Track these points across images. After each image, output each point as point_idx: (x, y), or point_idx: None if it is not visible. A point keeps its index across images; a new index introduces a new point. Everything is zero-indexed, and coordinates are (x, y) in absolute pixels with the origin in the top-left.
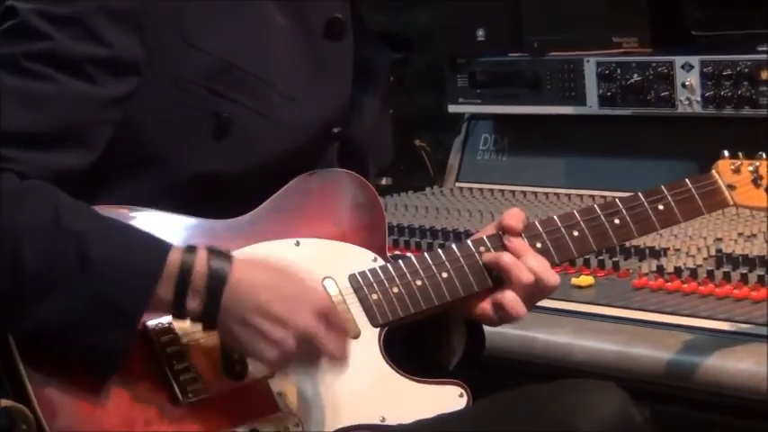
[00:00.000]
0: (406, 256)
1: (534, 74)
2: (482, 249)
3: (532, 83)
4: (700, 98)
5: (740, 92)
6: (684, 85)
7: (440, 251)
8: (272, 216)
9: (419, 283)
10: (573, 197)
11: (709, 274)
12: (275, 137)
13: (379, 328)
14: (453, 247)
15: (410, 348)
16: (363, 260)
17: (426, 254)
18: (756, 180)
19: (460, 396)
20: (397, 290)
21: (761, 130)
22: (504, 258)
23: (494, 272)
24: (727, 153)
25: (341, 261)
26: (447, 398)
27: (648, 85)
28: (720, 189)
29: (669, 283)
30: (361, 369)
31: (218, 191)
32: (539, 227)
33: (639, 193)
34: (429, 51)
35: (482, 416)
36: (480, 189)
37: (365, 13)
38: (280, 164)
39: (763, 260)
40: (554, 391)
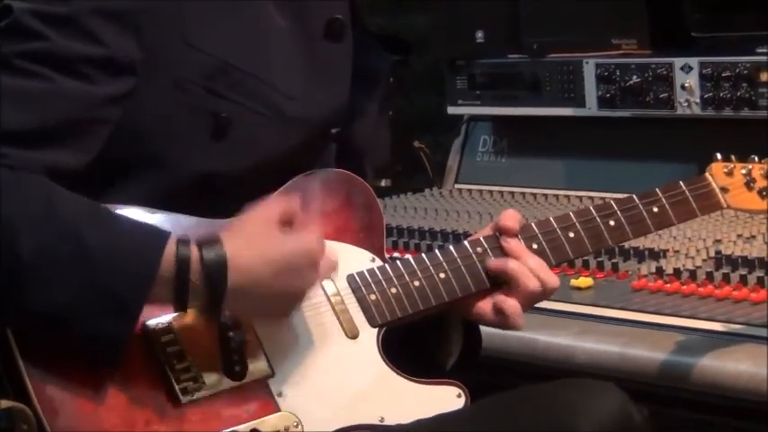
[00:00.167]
0: (405, 257)
1: (533, 75)
2: (479, 250)
3: (532, 84)
4: (699, 100)
5: (739, 93)
6: (684, 87)
7: (437, 252)
8: None
9: (417, 283)
10: (572, 199)
11: (709, 275)
12: (274, 137)
13: (377, 329)
14: (450, 248)
15: (408, 349)
16: (361, 261)
17: (424, 255)
18: (749, 183)
19: (459, 396)
20: (395, 290)
21: (760, 132)
22: (510, 265)
23: (496, 276)
24: (719, 156)
25: (339, 261)
26: (445, 398)
27: (648, 86)
28: (714, 192)
29: (668, 285)
30: (360, 369)
31: (216, 191)
32: (535, 228)
33: (634, 196)
34: (428, 53)
35: (481, 416)
36: (479, 190)
37: (364, 15)
38: (278, 164)
39: (763, 262)
40: (553, 390)
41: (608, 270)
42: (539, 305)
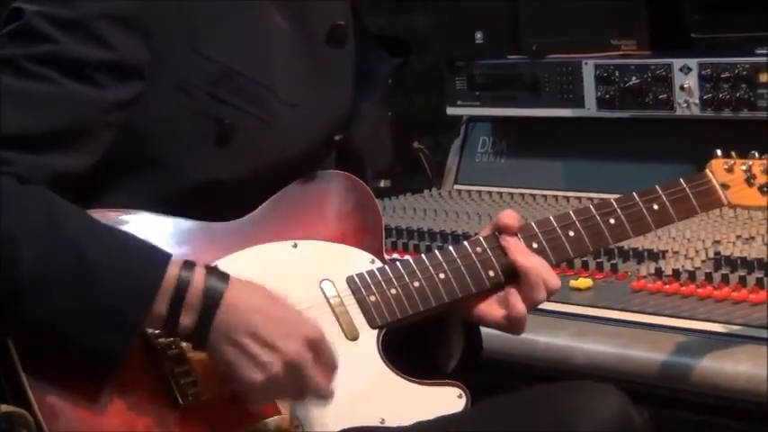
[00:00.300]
0: (405, 258)
1: (533, 76)
2: (479, 250)
3: (531, 85)
4: (698, 101)
5: (738, 94)
6: (683, 88)
7: (437, 252)
8: (269, 218)
9: (416, 284)
10: (571, 199)
11: (708, 276)
12: (277, 144)
13: (377, 330)
14: (450, 248)
15: (409, 350)
16: (361, 262)
17: (424, 255)
18: (750, 179)
19: (459, 397)
20: (394, 291)
21: (759, 133)
22: (521, 260)
23: (497, 277)
24: (719, 152)
25: (338, 263)
26: (446, 399)
27: (647, 87)
28: (714, 188)
29: (667, 286)
30: (361, 371)
31: (218, 197)
32: (535, 227)
33: (634, 193)
34: (428, 54)
35: (482, 417)
36: (479, 191)
37: (364, 16)
38: (280, 171)
39: (762, 263)
40: (553, 392)
41: (607, 271)
42: (539, 306)
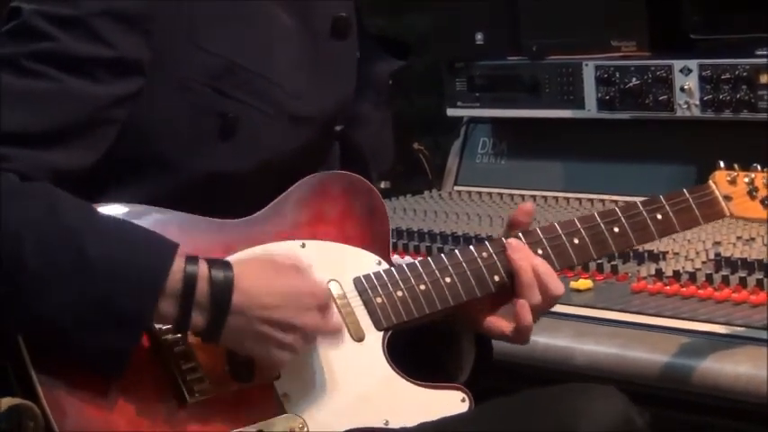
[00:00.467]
0: (404, 259)
1: (533, 77)
2: (484, 255)
3: (531, 86)
4: (698, 102)
5: (739, 96)
6: (683, 89)
7: (443, 256)
8: (277, 218)
9: (423, 287)
10: (571, 201)
11: (708, 277)
12: (279, 136)
13: (383, 332)
14: (456, 252)
15: (413, 353)
16: (367, 263)
17: (430, 258)
18: (752, 191)
19: (462, 401)
20: (401, 293)
21: (759, 134)
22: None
23: (502, 282)
24: (722, 164)
25: (345, 264)
26: (449, 402)
27: (647, 88)
28: (717, 200)
29: (668, 287)
30: (366, 372)
31: (223, 191)
32: (540, 233)
33: (638, 202)
34: (427, 55)
35: (484, 419)
36: (479, 192)
37: (364, 17)
38: (284, 163)
39: (762, 264)
40: (555, 394)
41: (607, 272)
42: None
